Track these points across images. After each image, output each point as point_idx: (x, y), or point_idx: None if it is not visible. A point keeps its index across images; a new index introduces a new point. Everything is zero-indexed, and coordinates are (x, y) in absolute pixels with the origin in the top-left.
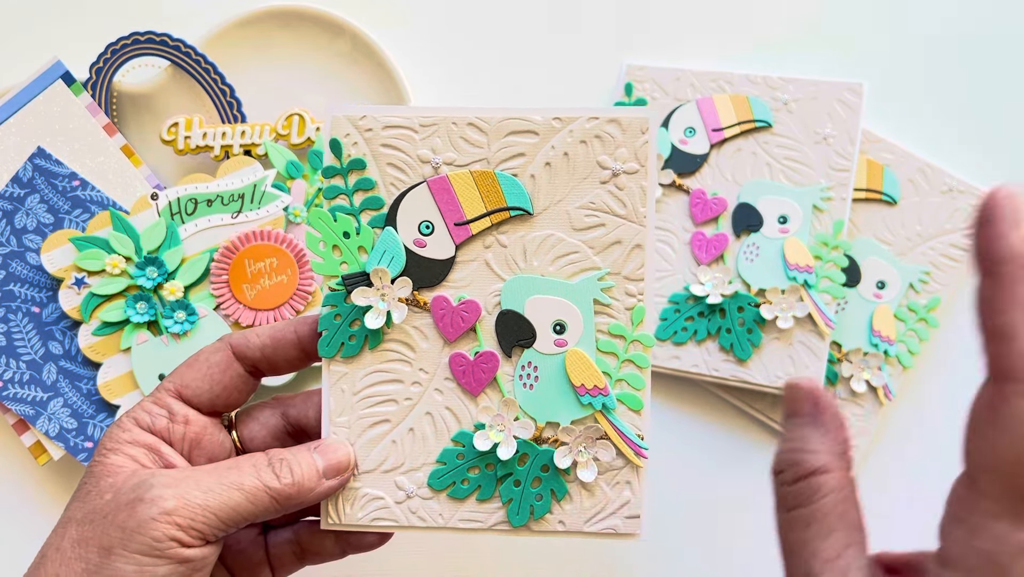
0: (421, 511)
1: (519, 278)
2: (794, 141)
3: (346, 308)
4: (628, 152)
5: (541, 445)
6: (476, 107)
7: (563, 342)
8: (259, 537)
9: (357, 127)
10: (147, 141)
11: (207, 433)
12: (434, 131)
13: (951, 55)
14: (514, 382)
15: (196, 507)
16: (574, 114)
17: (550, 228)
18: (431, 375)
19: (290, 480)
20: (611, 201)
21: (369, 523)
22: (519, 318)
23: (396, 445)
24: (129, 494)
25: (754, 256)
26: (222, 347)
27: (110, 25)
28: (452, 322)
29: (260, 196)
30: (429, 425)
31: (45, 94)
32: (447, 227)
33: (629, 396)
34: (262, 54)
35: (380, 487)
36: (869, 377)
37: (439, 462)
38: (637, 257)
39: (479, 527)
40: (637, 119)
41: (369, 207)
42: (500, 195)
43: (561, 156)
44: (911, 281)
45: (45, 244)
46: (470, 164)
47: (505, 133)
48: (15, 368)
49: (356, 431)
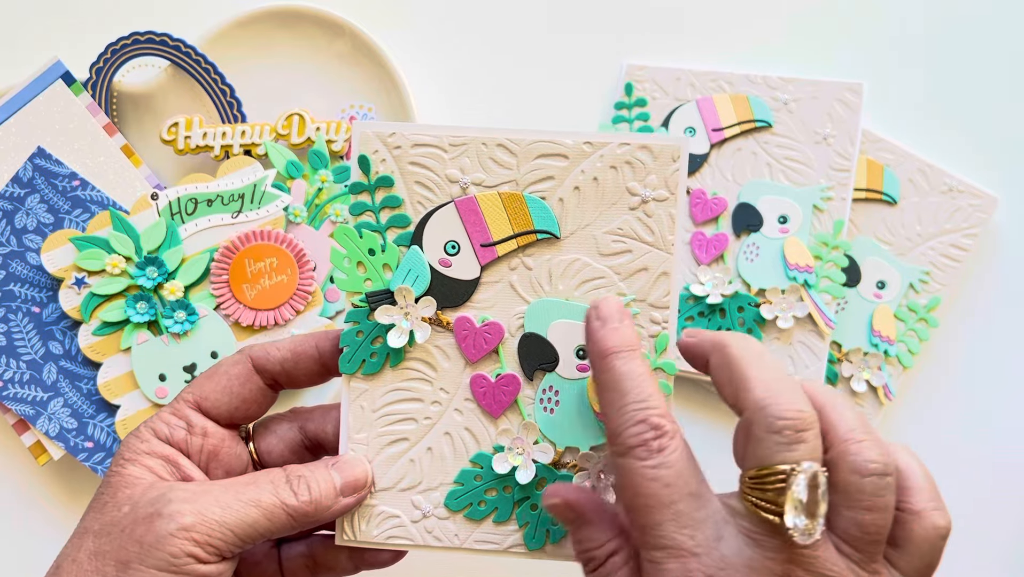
0: (437, 530)
1: (543, 301)
2: (794, 141)
3: (369, 325)
4: (658, 179)
5: (560, 470)
6: (506, 128)
7: (586, 367)
8: (272, 550)
9: (386, 144)
10: (147, 141)
11: (225, 446)
12: (463, 151)
13: (951, 55)
14: (535, 406)
15: (214, 523)
16: (605, 139)
17: (577, 252)
18: (451, 395)
19: (308, 497)
20: (639, 228)
21: (384, 540)
22: (542, 341)
23: (414, 464)
24: (147, 508)
25: (754, 256)
26: (242, 359)
27: (110, 25)
28: (475, 343)
29: (260, 196)
30: (448, 445)
31: (45, 94)
32: (473, 248)
33: None
34: (262, 54)
35: (397, 505)
36: (869, 377)
37: (457, 483)
38: (663, 285)
39: (494, 549)
40: (669, 147)
41: (395, 225)
42: (528, 218)
43: (590, 181)
44: (911, 281)
45: (45, 244)
46: (499, 185)
47: (535, 156)
48: (15, 368)
49: (374, 448)
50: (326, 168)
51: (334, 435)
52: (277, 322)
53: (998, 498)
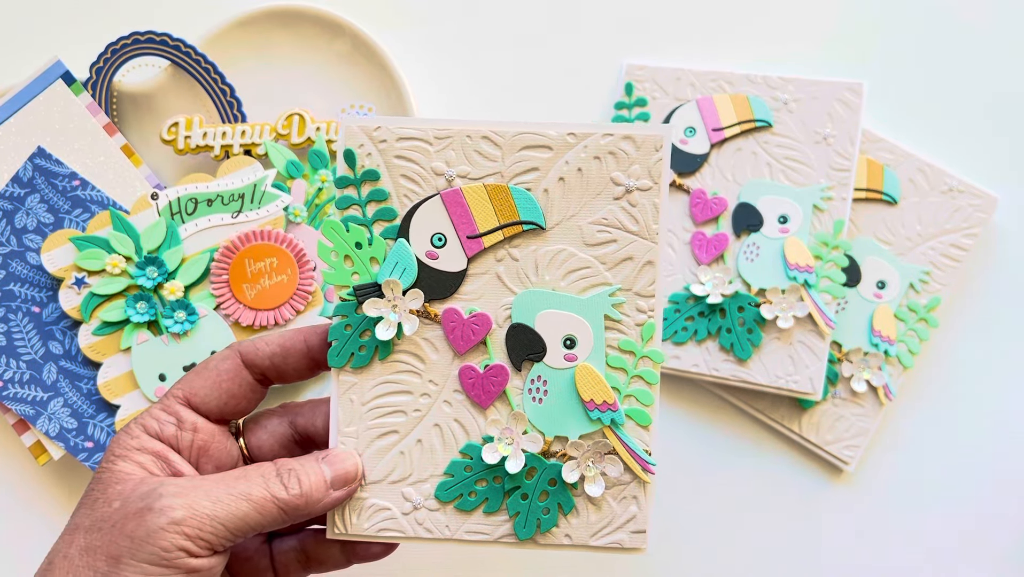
0: (427, 522)
1: (530, 292)
2: (794, 141)
3: (357, 319)
4: (642, 169)
5: (549, 459)
6: (490, 121)
7: (573, 357)
8: (264, 545)
9: (371, 138)
10: (147, 141)
11: (215, 441)
12: (448, 144)
13: (951, 54)
14: (523, 396)
15: (204, 517)
16: (589, 130)
17: (562, 243)
18: (440, 387)
19: (298, 491)
20: (624, 217)
21: (375, 533)
22: (530, 332)
23: (404, 456)
24: (138, 503)
25: (754, 256)
26: (231, 355)
27: (110, 25)
28: (463, 335)
29: (260, 196)
30: (437, 437)
31: (45, 94)
32: (459, 240)
33: (638, 412)
34: (262, 54)
35: (387, 498)
36: (869, 377)
37: (447, 474)
38: (648, 273)
39: (485, 539)
40: (651, 136)
41: (382, 218)
42: (513, 209)
43: (575, 171)
44: (911, 281)
45: (45, 244)
46: (484, 177)
47: (519, 148)
48: (15, 368)
49: (364, 441)
50: (326, 168)
51: (324, 429)
52: (277, 322)
53: (999, 498)
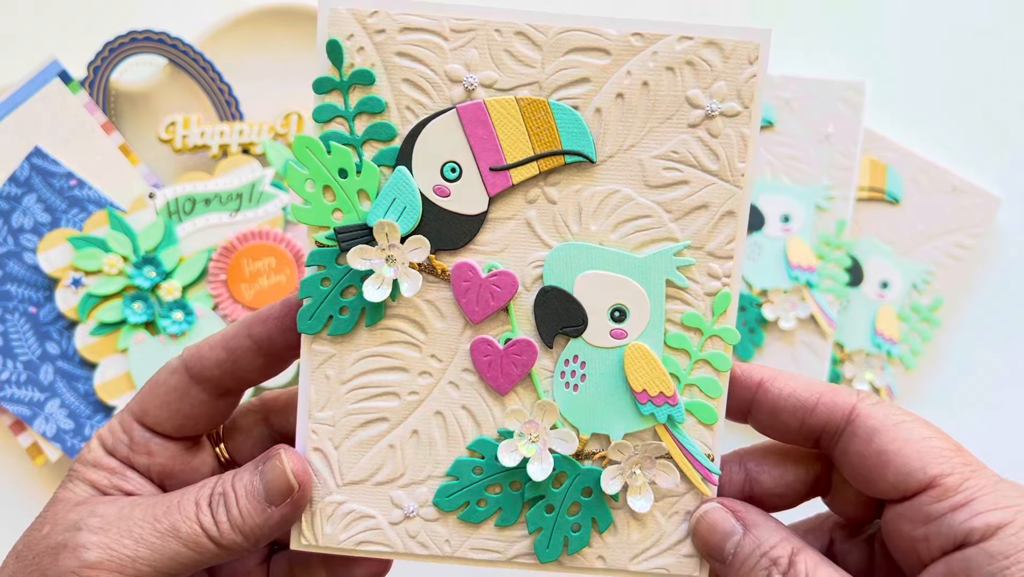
0: (422, 535)
1: (570, 245)
2: (796, 140)
3: (338, 271)
4: (729, 88)
5: (584, 463)
6: (529, 11)
7: (622, 333)
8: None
9: (365, 27)
10: (144, 139)
11: (178, 462)
12: (470, 39)
13: (953, 54)
14: (554, 381)
15: (125, 559)
16: (661, 30)
17: (616, 182)
18: (445, 364)
19: (226, 523)
20: (700, 151)
21: (353, 547)
22: (567, 298)
23: (394, 451)
24: (60, 534)
25: (756, 256)
26: (179, 368)
27: (108, 23)
28: (478, 298)
29: (258, 195)
30: (439, 428)
31: (42, 92)
32: (480, 172)
33: (701, 406)
34: (260, 52)
35: (370, 503)
36: (872, 377)
37: (449, 476)
38: (727, 228)
39: (496, 559)
40: (744, 44)
41: (375, 137)
42: (554, 133)
43: (639, 86)
44: (914, 281)
45: (42, 243)
46: (516, 88)
47: (566, 50)
48: (12, 368)
49: (343, 430)
50: None
51: None
52: None
53: None
